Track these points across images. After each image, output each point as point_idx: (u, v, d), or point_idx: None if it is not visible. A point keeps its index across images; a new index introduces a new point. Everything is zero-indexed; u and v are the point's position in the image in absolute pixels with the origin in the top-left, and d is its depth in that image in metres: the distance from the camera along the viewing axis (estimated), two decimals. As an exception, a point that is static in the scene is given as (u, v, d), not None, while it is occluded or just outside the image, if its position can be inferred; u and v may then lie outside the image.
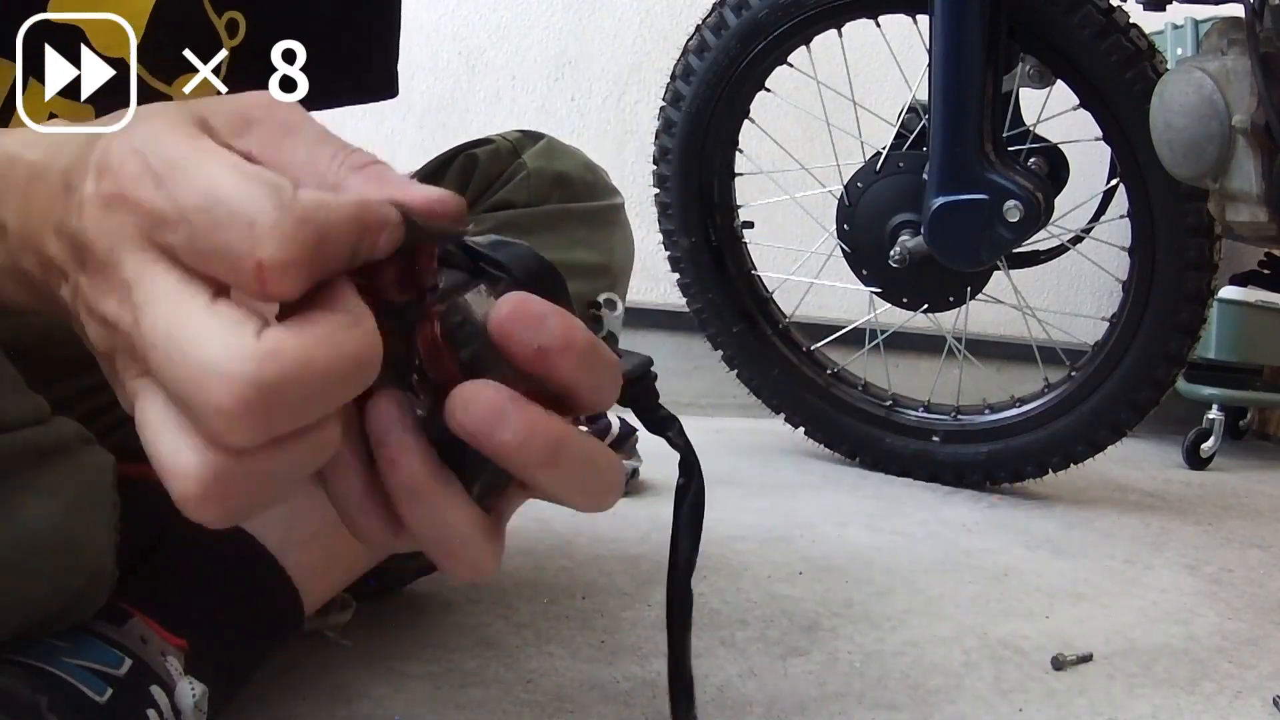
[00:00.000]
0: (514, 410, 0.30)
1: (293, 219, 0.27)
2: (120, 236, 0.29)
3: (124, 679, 0.50)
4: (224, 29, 0.62)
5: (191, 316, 0.27)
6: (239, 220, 0.27)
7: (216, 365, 0.27)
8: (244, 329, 0.27)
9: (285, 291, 0.27)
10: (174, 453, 0.28)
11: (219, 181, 0.28)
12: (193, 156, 0.29)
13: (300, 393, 0.27)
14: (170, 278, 0.28)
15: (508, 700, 0.70)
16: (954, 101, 1.41)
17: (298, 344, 0.27)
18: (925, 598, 1.02)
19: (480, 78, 2.11)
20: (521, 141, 0.81)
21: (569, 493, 0.32)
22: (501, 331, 0.30)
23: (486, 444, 0.30)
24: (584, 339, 0.31)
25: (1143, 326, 1.47)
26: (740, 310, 1.70)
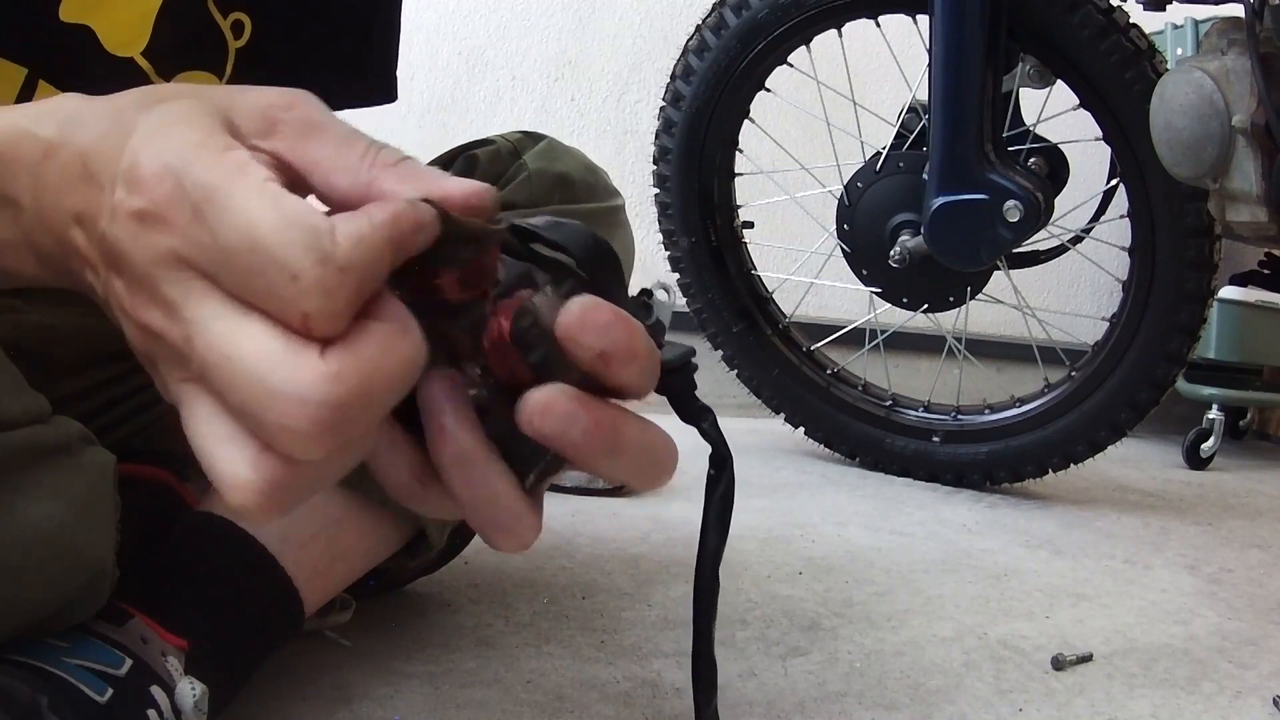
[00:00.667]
0: (581, 411, 0.31)
1: (335, 270, 0.28)
2: (157, 256, 0.29)
3: (124, 679, 0.50)
4: (229, 30, 0.62)
5: (252, 341, 0.28)
6: (282, 272, 0.28)
7: (290, 391, 0.27)
8: (307, 352, 0.28)
9: (331, 334, 0.28)
10: (229, 463, 0.29)
11: (259, 224, 0.28)
12: (228, 186, 0.29)
13: (365, 405, 0.28)
14: (215, 300, 0.29)
15: (508, 700, 0.70)
16: (954, 101, 1.41)
17: (358, 363, 0.28)
18: (925, 598, 1.02)
19: (480, 78, 2.11)
20: (522, 142, 0.81)
21: (628, 475, 0.33)
22: (567, 337, 0.31)
23: (555, 444, 0.31)
24: (644, 348, 0.32)
25: (1143, 326, 1.47)
26: (740, 310, 1.70)
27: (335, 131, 0.33)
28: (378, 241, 0.29)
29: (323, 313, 0.28)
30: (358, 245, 0.28)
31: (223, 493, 0.29)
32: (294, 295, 0.28)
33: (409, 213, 0.30)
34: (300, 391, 0.27)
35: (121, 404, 0.69)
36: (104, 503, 0.49)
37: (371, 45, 0.72)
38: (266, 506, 0.29)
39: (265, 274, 0.28)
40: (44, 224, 0.33)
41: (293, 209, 0.28)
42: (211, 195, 0.29)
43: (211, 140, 0.30)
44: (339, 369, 0.28)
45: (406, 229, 0.29)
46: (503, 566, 0.97)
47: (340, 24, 0.68)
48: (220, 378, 0.28)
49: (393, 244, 0.29)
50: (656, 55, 2.15)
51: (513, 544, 0.33)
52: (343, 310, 0.28)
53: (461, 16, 2.10)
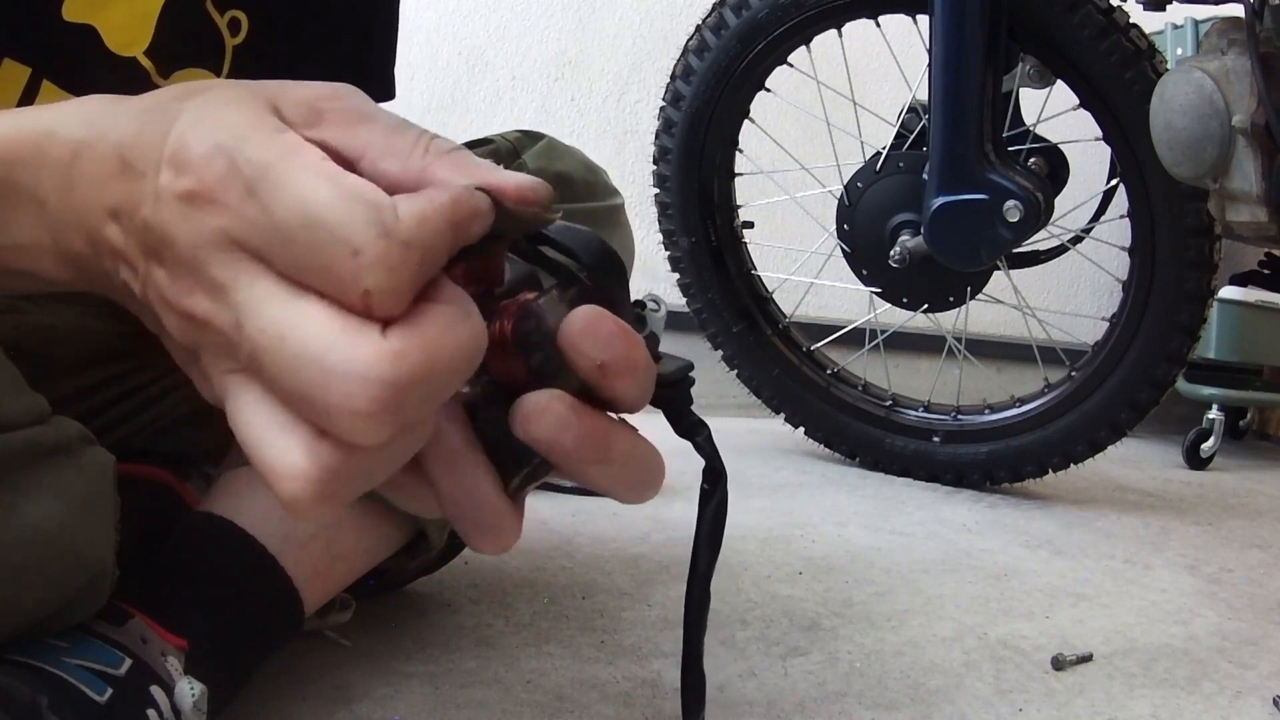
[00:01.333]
0: (574, 419, 0.31)
1: (399, 245, 0.27)
2: (206, 238, 0.28)
3: (124, 679, 0.50)
4: (226, 27, 0.62)
5: (309, 320, 0.27)
6: (342, 247, 0.27)
7: (350, 369, 0.26)
8: (368, 331, 0.27)
9: (393, 313, 0.27)
10: (282, 452, 0.28)
11: (318, 200, 0.27)
12: (284, 163, 0.28)
13: (427, 388, 0.27)
14: (268, 281, 0.28)
15: (508, 700, 0.70)
16: (954, 101, 1.41)
17: (422, 342, 0.27)
18: (925, 598, 1.02)
19: (480, 78, 2.11)
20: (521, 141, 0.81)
21: (615, 487, 0.33)
22: (570, 345, 0.31)
23: (546, 449, 0.31)
24: (644, 362, 0.32)
25: (1143, 326, 1.47)
26: (740, 310, 1.70)
27: (384, 120, 0.32)
28: (440, 222, 0.28)
29: (386, 289, 0.27)
30: (420, 223, 0.27)
31: (274, 485, 0.28)
32: (355, 271, 0.26)
33: (468, 199, 0.29)
34: (361, 370, 0.26)
35: (121, 404, 0.69)
36: (104, 503, 0.48)
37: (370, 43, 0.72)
38: (321, 497, 0.28)
39: (325, 250, 0.27)
40: (74, 223, 0.32)
41: (353, 184, 0.27)
42: (266, 173, 0.28)
43: (262, 123, 0.29)
44: (402, 347, 0.27)
45: (465, 214, 0.29)
46: (503, 566, 0.97)
47: (338, 22, 0.69)
48: (274, 361, 0.27)
49: (453, 227, 0.28)
50: (656, 55, 2.15)
51: (492, 545, 0.33)
52: (406, 287, 0.27)
53: (461, 16, 2.10)
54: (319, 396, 0.27)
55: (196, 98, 0.31)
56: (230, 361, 0.29)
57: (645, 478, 0.33)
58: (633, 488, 0.33)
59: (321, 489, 0.28)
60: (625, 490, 0.33)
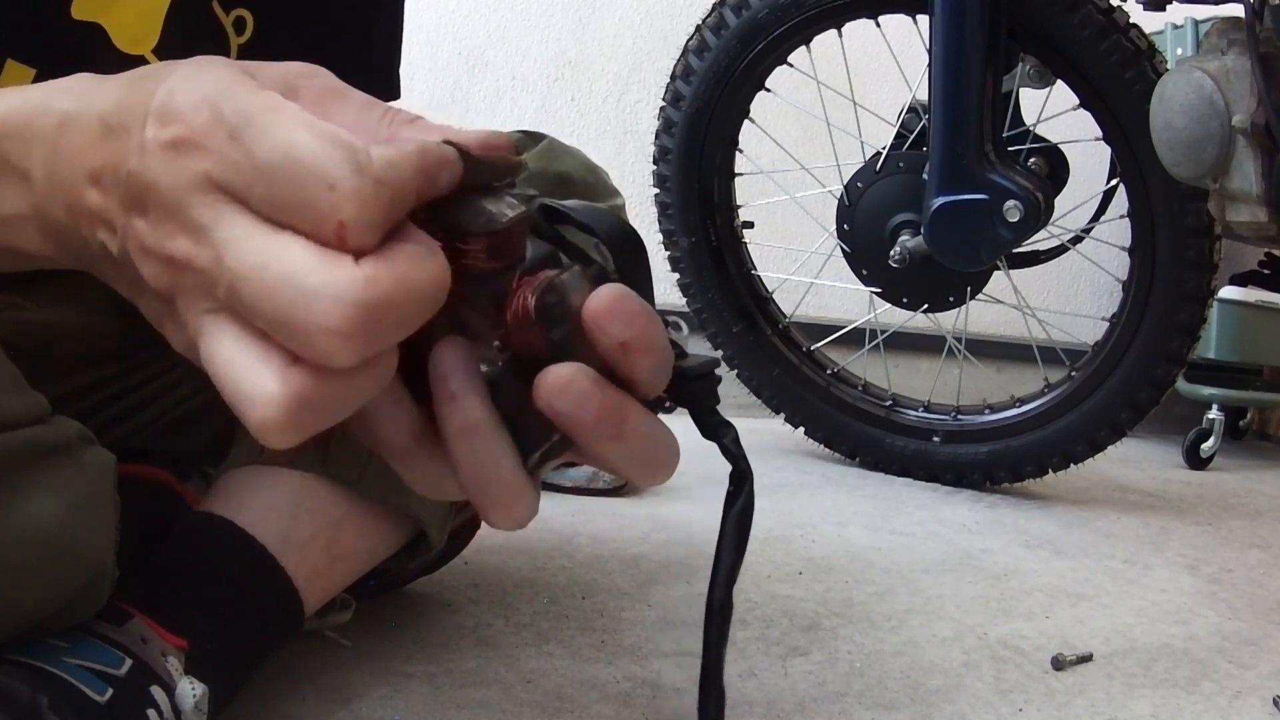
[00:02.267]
0: (596, 393, 0.31)
1: (371, 181, 0.28)
2: (189, 180, 0.30)
3: (124, 679, 0.50)
4: (231, 26, 0.62)
5: (287, 249, 0.29)
6: (319, 182, 0.28)
7: (326, 289, 0.28)
8: (342, 260, 0.28)
9: (365, 246, 0.29)
10: (255, 380, 0.29)
11: (297, 140, 0.29)
12: (268, 112, 0.29)
13: (396, 315, 0.29)
14: (247, 218, 0.29)
15: (508, 700, 0.70)
16: (954, 101, 1.41)
17: (391, 271, 0.29)
18: (925, 598, 1.02)
19: (480, 78, 2.11)
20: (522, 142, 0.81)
21: (630, 466, 0.34)
22: (594, 322, 0.31)
23: (565, 422, 0.32)
24: (662, 342, 0.32)
25: (1143, 326, 1.47)
26: (740, 310, 1.70)
27: (355, 98, 0.34)
28: (408, 166, 0.29)
29: (359, 220, 0.28)
30: (391, 165, 0.29)
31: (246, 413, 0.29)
32: (331, 204, 0.28)
33: (434, 148, 0.31)
34: (335, 289, 0.28)
35: (121, 403, 0.69)
36: (104, 503, 0.48)
37: (372, 43, 0.72)
38: (291, 424, 0.29)
39: (303, 185, 0.28)
40: (55, 191, 0.33)
41: (330, 129, 0.29)
42: (249, 119, 0.29)
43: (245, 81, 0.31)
44: (374, 273, 0.28)
45: (433, 162, 0.30)
46: (503, 566, 0.97)
47: (341, 22, 0.69)
48: (253, 289, 0.29)
49: (421, 173, 0.30)
50: (656, 55, 2.15)
51: (509, 520, 0.34)
52: (377, 221, 0.29)
53: (461, 16, 2.10)
54: (298, 317, 0.28)
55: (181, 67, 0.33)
56: (207, 300, 0.30)
57: (660, 458, 0.34)
58: (646, 467, 0.34)
59: (293, 415, 0.29)
60: (639, 470, 0.34)
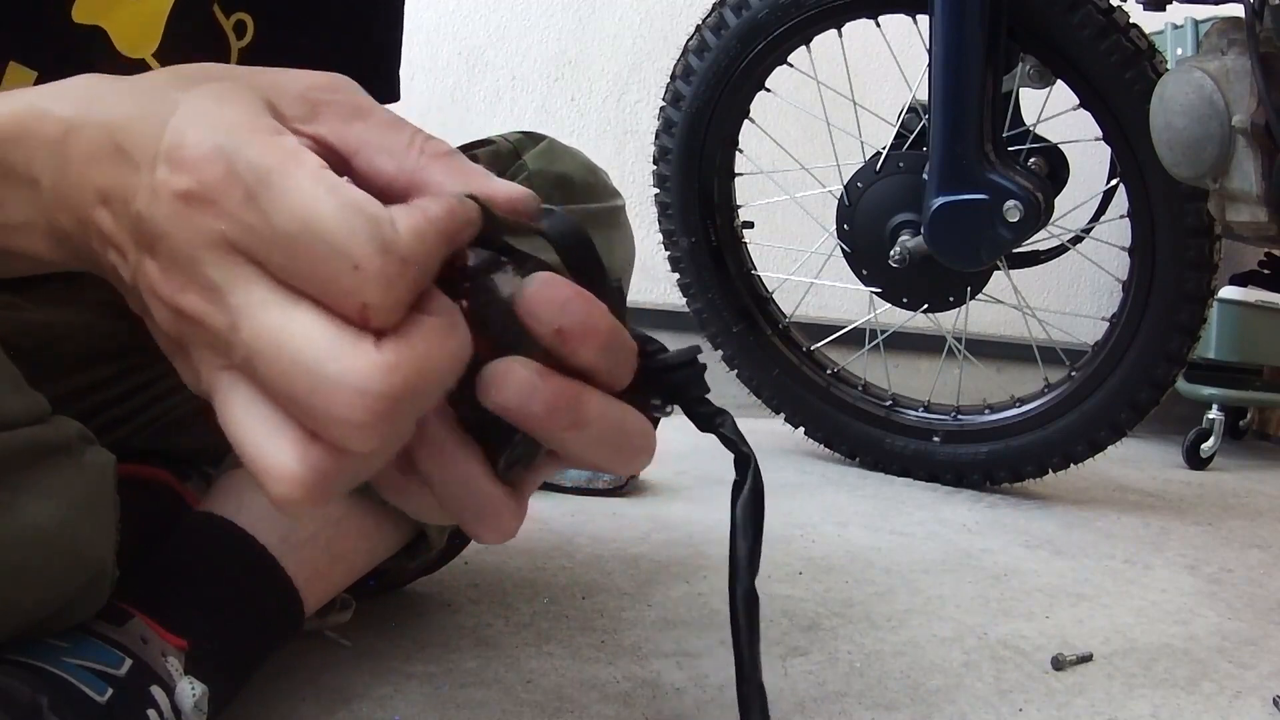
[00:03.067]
0: (541, 383, 0.31)
1: (397, 262, 0.27)
2: (203, 239, 0.29)
3: (124, 679, 0.50)
4: (232, 30, 0.62)
5: (305, 329, 0.27)
6: (342, 261, 0.27)
7: (347, 380, 0.27)
8: (363, 343, 0.27)
9: (388, 325, 0.28)
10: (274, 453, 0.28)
11: (319, 211, 0.27)
12: (284, 170, 0.28)
13: (418, 399, 0.28)
14: (264, 286, 0.28)
15: (508, 700, 0.70)
16: (954, 101, 1.41)
17: (413, 355, 0.28)
18: (925, 598, 1.02)
19: (480, 78, 2.11)
20: (522, 142, 0.81)
21: (599, 455, 0.33)
22: (525, 312, 0.31)
23: (517, 417, 0.31)
24: (606, 324, 0.31)
25: (1143, 326, 1.47)
26: (740, 310, 1.70)
27: (380, 116, 0.32)
28: (434, 235, 0.28)
29: (383, 304, 0.27)
30: (418, 238, 0.28)
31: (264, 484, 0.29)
32: (355, 285, 0.27)
33: (462, 210, 0.29)
34: (357, 381, 0.27)
35: (121, 403, 0.69)
36: (104, 503, 0.48)
37: (373, 45, 0.72)
38: (311, 498, 0.28)
39: (326, 262, 0.27)
40: (64, 203, 0.32)
41: (354, 197, 0.28)
42: (267, 179, 0.28)
43: (261, 124, 0.29)
44: (395, 360, 0.27)
45: (459, 225, 0.29)
46: (503, 566, 0.97)
47: (342, 24, 0.69)
48: (269, 366, 0.28)
49: (446, 238, 0.29)
50: (656, 55, 2.15)
51: (494, 533, 0.33)
52: (402, 302, 0.28)
53: (461, 16, 2.10)
54: (315, 404, 0.27)
55: (193, 89, 0.31)
56: (221, 359, 0.29)
57: (630, 442, 0.33)
58: (619, 454, 0.33)
59: (312, 490, 0.28)
60: (613, 458, 0.33)
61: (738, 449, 0.37)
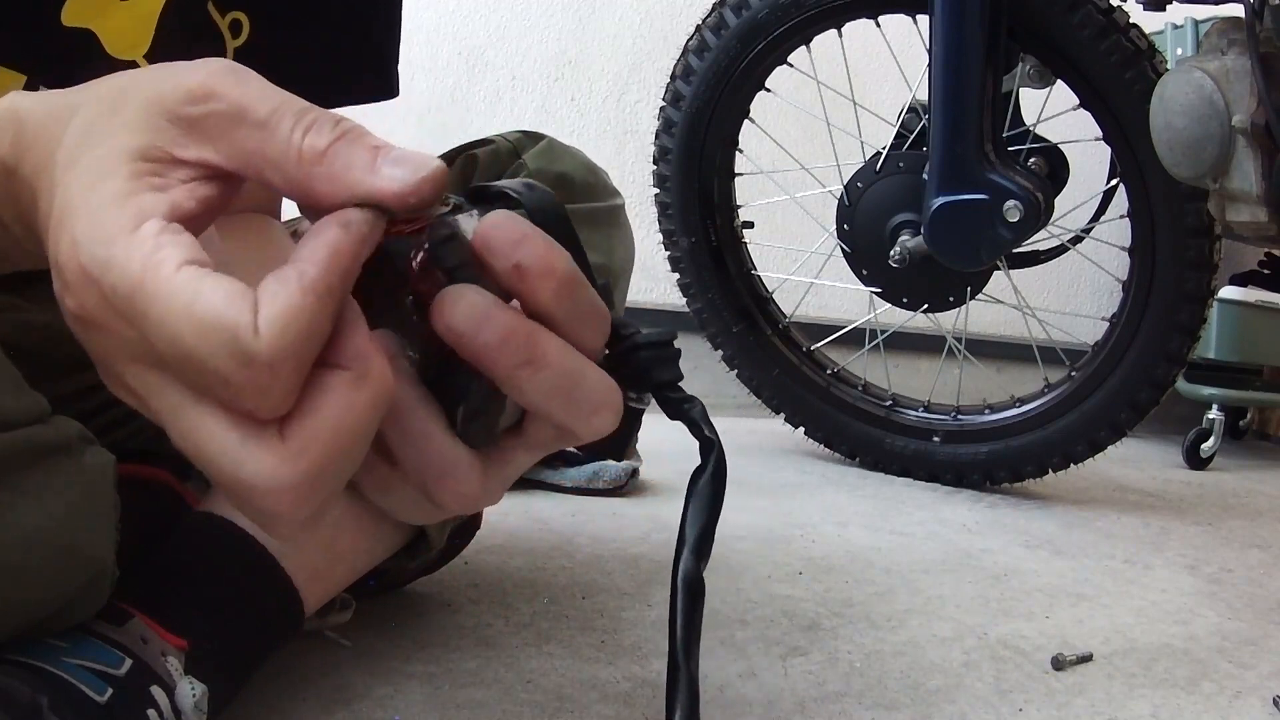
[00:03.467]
0: (496, 312, 0.30)
1: (264, 370, 0.27)
2: (110, 353, 0.30)
3: (124, 679, 0.50)
4: (228, 29, 0.62)
5: (213, 432, 0.29)
6: (215, 377, 0.28)
7: (258, 483, 0.28)
8: (265, 436, 0.28)
9: (282, 411, 0.28)
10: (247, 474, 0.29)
11: (180, 334, 0.28)
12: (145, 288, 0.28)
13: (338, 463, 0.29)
14: (175, 390, 0.29)
15: (508, 700, 0.70)
16: (954, 101, 1.41)
17: (318, 431, 0.29)
18: (925, 598, 1.02)
19: (480, 78, 2.11)
20: (522, 142, 0.81)
21: (557, 404, 0.32)
22: (482, 244, 0.31)
23: (469, 345, 0.31)
24: (565, 267, 0.31)
25: (1143, 326, 1.47)
26: (740, 310, 1.70)
27: (257, 114, 0.30)
28: (310, 307, 0.28)
29: (263, 406, 0.28)
30: (284, 331, 0.28)
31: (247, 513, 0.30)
32: (231, 395, 0.28)
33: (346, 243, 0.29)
34: (266, 482, 0.28)
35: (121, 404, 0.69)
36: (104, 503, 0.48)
37: (371, 42, 0.72)
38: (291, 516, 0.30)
39: (202, 377, 0.28)
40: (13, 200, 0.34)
41: (207, 309, 0.27)
42: (131, 301, 0.28)
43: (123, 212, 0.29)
44: (301, 445, 0.28)
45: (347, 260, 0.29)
46: (503, 566, 0.97)
47: (339, 22, 0.68)
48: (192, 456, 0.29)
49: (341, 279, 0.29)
50: (656, 55, 2.15)
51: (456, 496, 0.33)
52: (280, 398, 0.28)
53: (461, 16, 2.10)
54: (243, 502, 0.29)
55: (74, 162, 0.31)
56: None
57: (590, 395, 0.33)
58: (578, 406, 0.32)
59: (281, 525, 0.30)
60: (572, 410, 0.32)
61: (702, 434, 0.36)
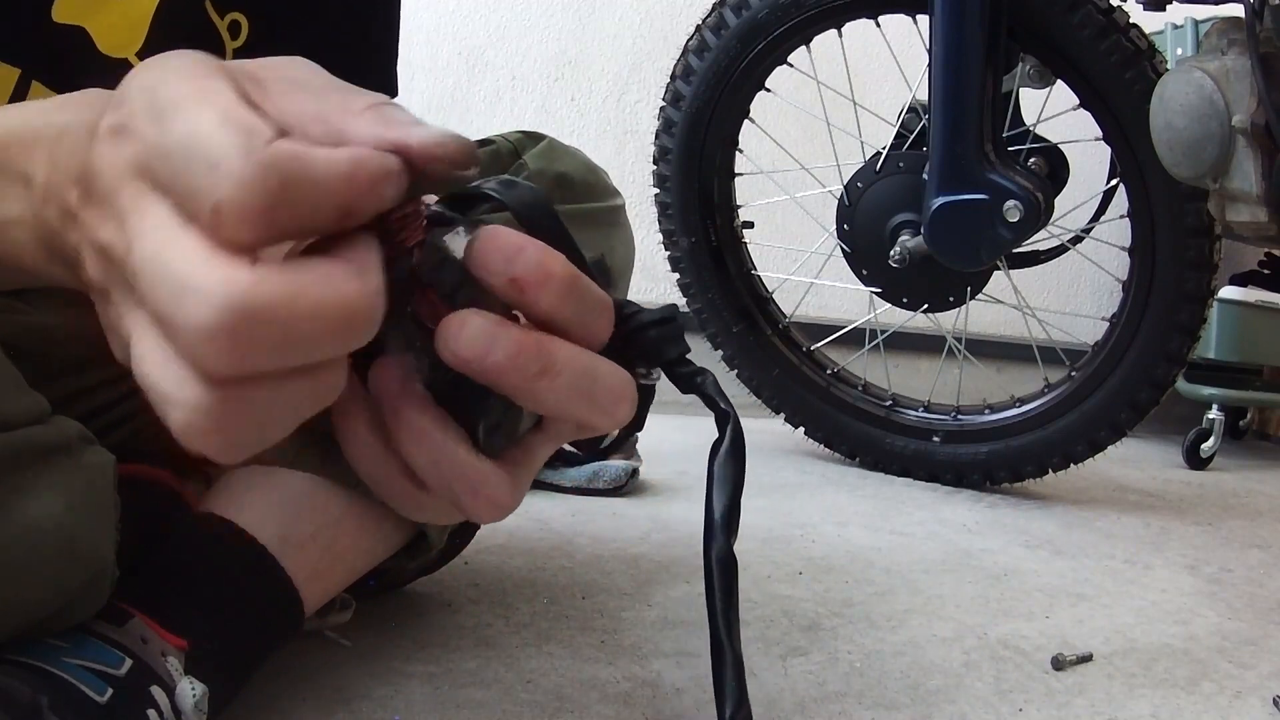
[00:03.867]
0: (501, 331, 0.30)
1: (256, 165, 0.26)
2: (121, 166, 0.29)
3: (124, 679, 0.50)
4: (226, 30, 0.62)
5: (179, 241, 0.27)
6: (205, 161, 0.27)
7: (196, 284, 0.26)
8: (234, 259, 0.27)
9: (242, 236, 0.27)
10: (170, 382, 0.28)
11: (200, 121, 0.27)
12: (192, 96, 0.28)
13: (282, 329, 0.27)
14: (162, 209, 0.28)
15: (508, 700, 0.70)
16: (954, 101, 1.41)
17: (285, 280, 0.27)
18: (925, 598, 1.02)
19: (480, 78, 2.11)
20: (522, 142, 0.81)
21: (577, 406, 0.32)
22: (476, 264, 0.30)
23: (479, 369, 0.30)
24: (561, 270, 0.31)
25: (1143, 326, 1.47)
26: (740, 310, 1.70)
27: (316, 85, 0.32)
28: (322, 164, 0.27)
29: (233, 201, 0.26)
30: (293, 158, 0.27)
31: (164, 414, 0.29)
32: (210, 186, 0.26)
33: (371, 159, 0.28)
34: (208, 287, 0.26)
35: (121, 404, 0.69)
36: (104, 502, 0.48)
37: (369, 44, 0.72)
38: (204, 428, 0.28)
39: (192, 165, 0.27)
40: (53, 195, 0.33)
41: (238, 112, 0.27)
42: (176, 104, 0.28)
43: (194, 69, 0.30)
44: (260, 279, 0.26)
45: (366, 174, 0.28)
46: (503, 566, 0.97)
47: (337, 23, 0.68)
48: (145, 282, 0.28)
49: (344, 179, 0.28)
50: (656, 55, 2.15)
51: (488, 507, 0.32)
52: (255, 207, 0.26)
53: (461, 16, 2.10)
54: (172, 312, 0.27)
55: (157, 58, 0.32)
56: (134, 298, 0.29)
57: (607, 390, 0.32)
58: (597, 403, 0.32)
59: (204, 420, 0.28)
60: (591, 408, 0.32)
61: (717, 406, 0.36)
